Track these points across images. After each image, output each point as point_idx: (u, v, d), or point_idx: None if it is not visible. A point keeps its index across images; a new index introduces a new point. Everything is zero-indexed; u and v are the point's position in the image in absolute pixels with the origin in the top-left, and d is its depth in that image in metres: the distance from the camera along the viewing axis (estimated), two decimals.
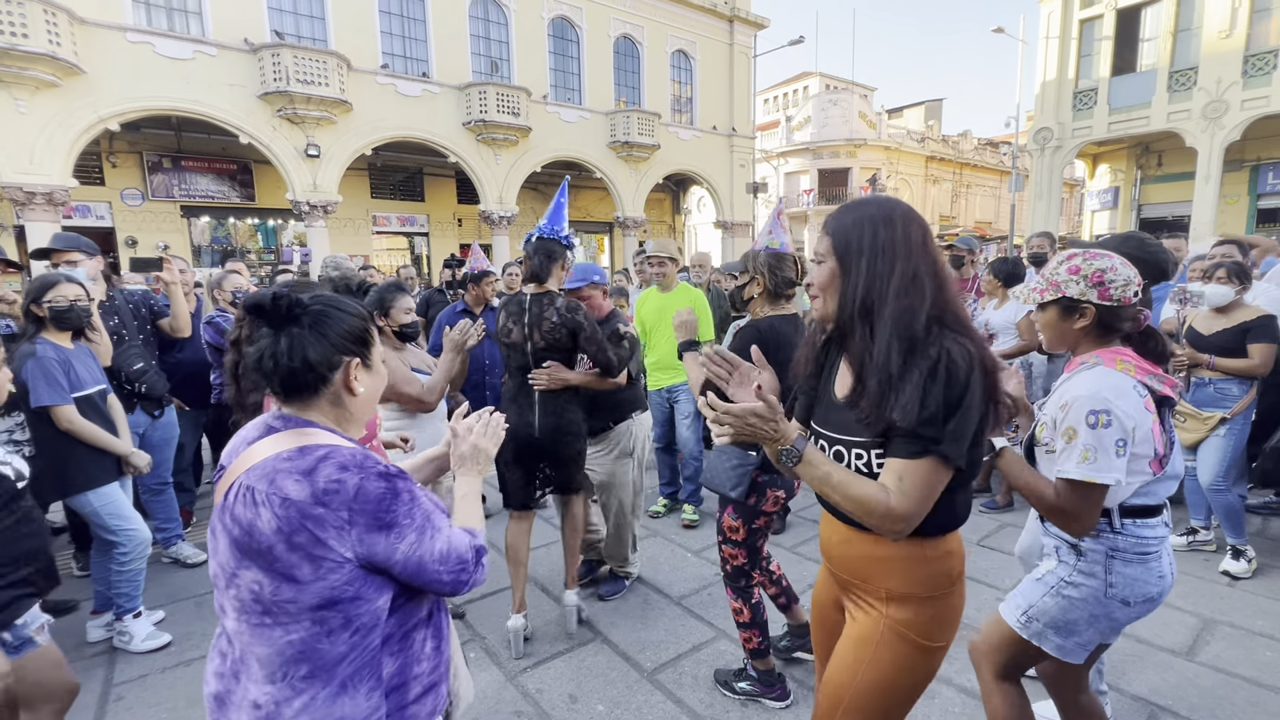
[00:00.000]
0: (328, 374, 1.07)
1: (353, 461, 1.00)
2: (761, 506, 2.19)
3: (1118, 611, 1.53)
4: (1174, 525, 3.69)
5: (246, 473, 1.00)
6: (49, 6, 9.95)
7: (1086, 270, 1.49)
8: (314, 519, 0.95)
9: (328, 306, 1.08)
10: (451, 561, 1.06)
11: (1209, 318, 3.24)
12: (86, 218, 13.24)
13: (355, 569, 0.99)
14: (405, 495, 1.03)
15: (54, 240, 3.20)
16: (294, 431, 1.04)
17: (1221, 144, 13.87)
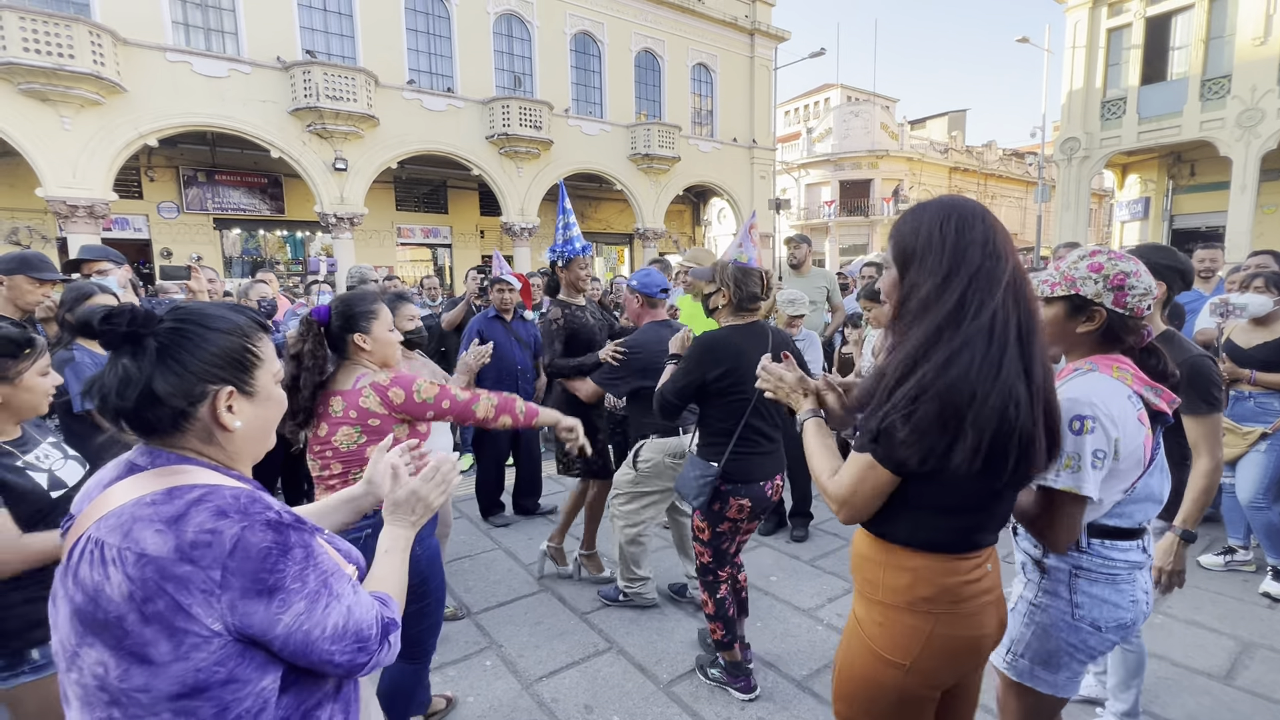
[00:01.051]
0: (187, 408, 0.85)
1: (234, 506, 0.80)
2: (725, 513, 2.35)
3: (1092, 639, 1.43)
4: (1211, 544, 3.57)
5: (97, 523, 0.80)
6: (94, 28, 10.39)
7: (1109, 270, 1.34)
8: (176, 580, 0.75)
9: (186, 323, 0.87)
10: (348, 639, 0.85)
11: (1248, 330, 3.15)
12: (125, 230, 13.71)
13: (228, 643, 0.79)
14: (298, 551, 0.82)
15: (83, 251, 3.33)
16: (163, 470, 0.84)
17: (1258, 153, 13.50)
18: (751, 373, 1.94)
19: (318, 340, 1.83)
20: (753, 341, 2.27)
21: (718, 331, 2.34)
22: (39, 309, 2.76)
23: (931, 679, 1.23)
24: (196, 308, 0.90)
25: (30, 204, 12.05)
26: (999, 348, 1.09)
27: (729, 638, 2.43)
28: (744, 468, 2.29)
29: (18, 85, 10.12)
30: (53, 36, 9.96)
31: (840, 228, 29.36)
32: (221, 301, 1.00)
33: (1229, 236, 13.73)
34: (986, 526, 1.24)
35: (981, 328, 1.09)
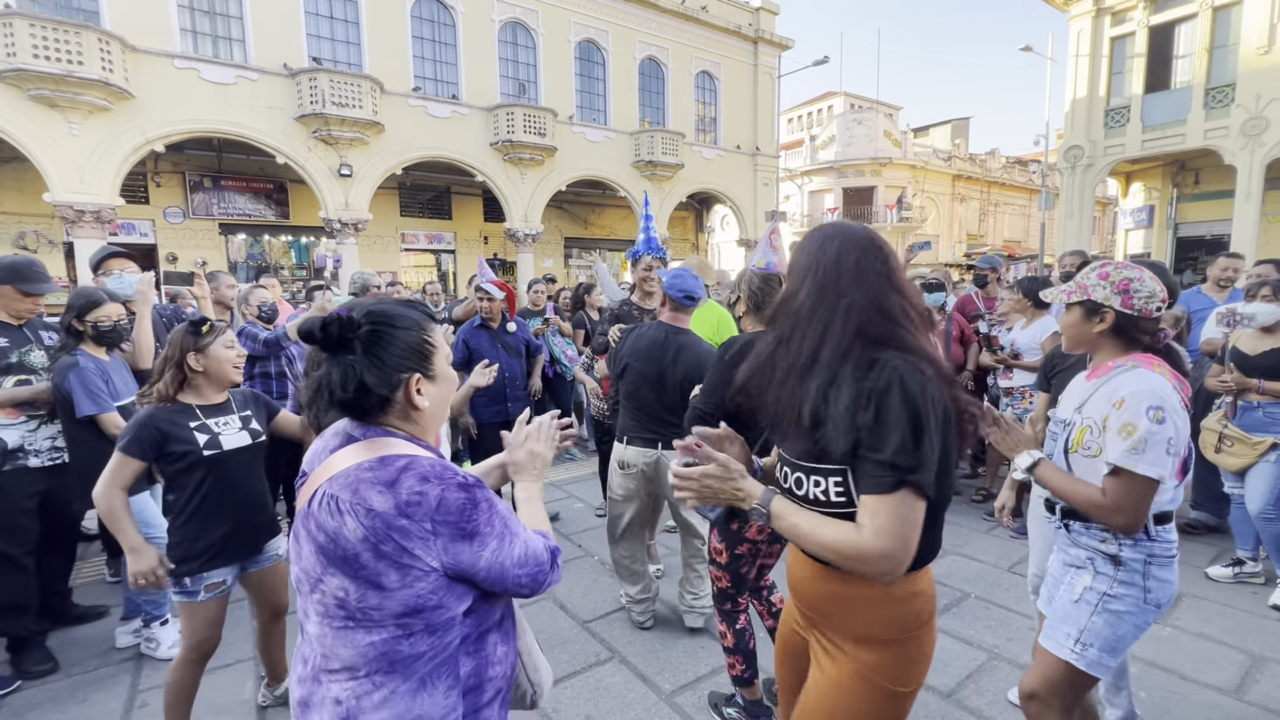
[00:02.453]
0: (389, 394, 1.06)
1: (433, 473, 1.01)
2: (744, 533, 2.17)
3: (1152, 616, 1.57)
4: (1220, 556, 3.53)
5: (329, 481, 1.01)
6: (103, 35, 10.49)
7: (1115, 277, 1.57)
8: (399, 530, 0.96)
9: (379, 325, 1.06)
10: (530, 565, 1.08)
11: (1254, 338, 3.12)
12: (131, 235, 13.77)
13: (440, 578, 1.00)
14: (484, 504, 1.04)
15: (100, 251, 3.36)
16: (373, 441, 1.05)
17: (1262, 161, 13.47)
18: None
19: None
20: None
21: (739, 335, 2.29)
22: (30, 315, 2.76)
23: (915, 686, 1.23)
24: (383, 310, 1.08)
25: (38, 209, 12.13)
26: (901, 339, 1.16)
27: (749, 673, 2.23)
28: (767, 482, 2.14)
29: (27, 91, 10.20)
30: (62, 43, 10.05)
31: None
32: (400, 299, 1.11)
33: (1234, 245, 13.67)
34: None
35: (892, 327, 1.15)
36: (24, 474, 2.66)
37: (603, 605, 3.18)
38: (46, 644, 2.75)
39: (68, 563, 3.14)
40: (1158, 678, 2.53)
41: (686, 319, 2.78)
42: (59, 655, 2.74)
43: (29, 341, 2.73)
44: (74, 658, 2.76)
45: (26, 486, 2.66)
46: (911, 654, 1.18)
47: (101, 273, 3.27)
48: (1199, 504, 3.95)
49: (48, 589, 2.90)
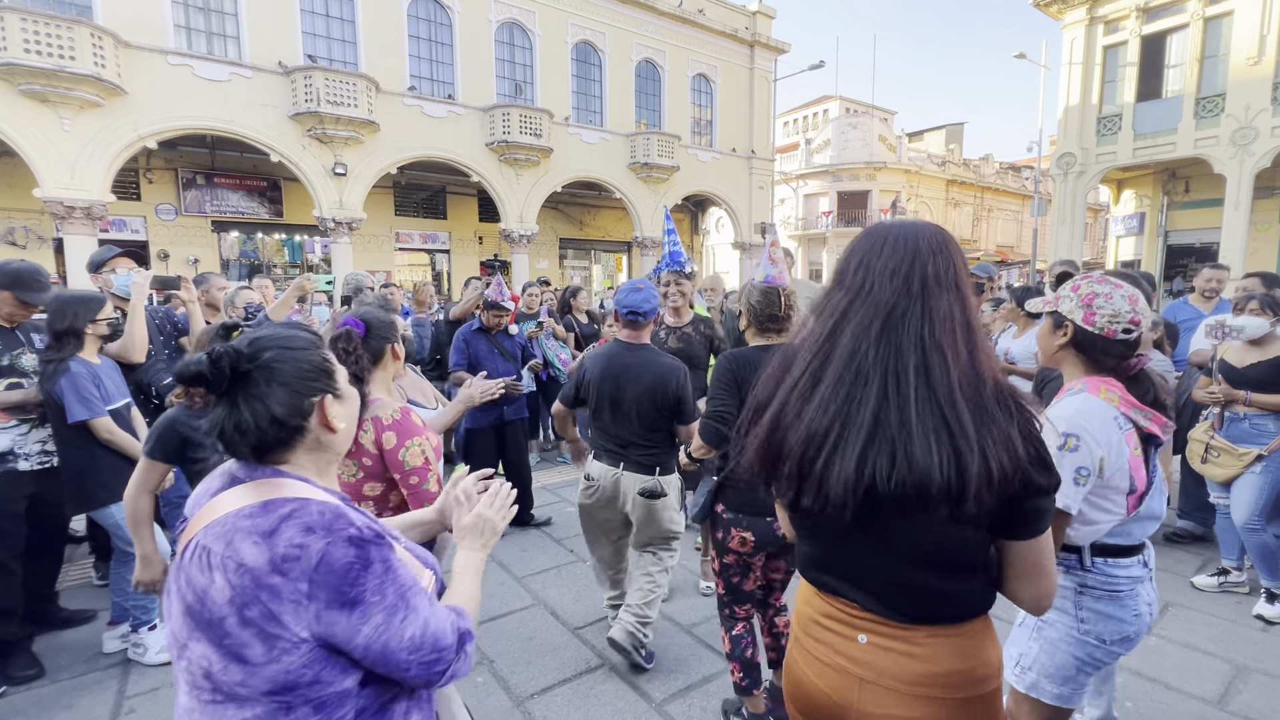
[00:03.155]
0: (302, 423, 0.95)
1: (320, 522, 0.86)
2: (727, 543, 2.18)
3: (1098, 652, 1.52)
4: (1205, 565, 3.57)
5: (204, 530, 0.88)
6: (96, 31, 10.40)
7: (1083, 291, 1.51)
8: (269, 590, 0.83)
9: (276, 349, 0.95)
10: (425, 650, 0.91)
11: (1242, 350, 3.16)
12: (122, 231, 13.66)
13: (314, 650, 0.85)
14: (377, 566, 0.88)
15: (105, 251, 3.35)
16: (260, 483, 0.92)
17: (1251, 171, 13.62)
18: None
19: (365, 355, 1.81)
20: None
21: (738, 350, 2.22)
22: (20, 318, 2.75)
23: (787, 697, 1.21)
24: (273, 334, 0.97)
25: (27, 204, 12.01)
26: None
27: (747, 682, 2.22)
28: (747, 498, 2.10)
29: (18, 86, 10.11)
30: (54, 38, 9.96)
31: (838, 238, 29.47)
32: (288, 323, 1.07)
33: (1223, 253, 13.83)
34: (831, 570, 1.10)
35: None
36: (13, 477, 2.64)
37: (594, 612, 3.18)
38: (32, 649, 2.72)
39: (55, 566, 3.12)
40: (1143, 687, 2.55)
41: (643, 334, 2.69)
42: (45, 660, 2.71)
43: (20, 344, 2.71)
44: (60, 663, 2.74)
45: (15, 490, 2.64)
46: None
47: (107, 270, 3.25)
48: (1185, 513, 4.00)
49: (34, 593, 2.87)
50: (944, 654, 1.01)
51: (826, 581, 1.11)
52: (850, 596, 1.07)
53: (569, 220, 20.47)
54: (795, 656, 1.17)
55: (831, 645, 1.09)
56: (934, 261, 1.00)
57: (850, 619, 1.08)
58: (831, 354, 1.02)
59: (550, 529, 4.31)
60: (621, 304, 2.63)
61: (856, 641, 1.06)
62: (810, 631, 1.13)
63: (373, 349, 1.85)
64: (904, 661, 1.02)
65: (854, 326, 1.01)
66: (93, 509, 2.68)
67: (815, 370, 1.03)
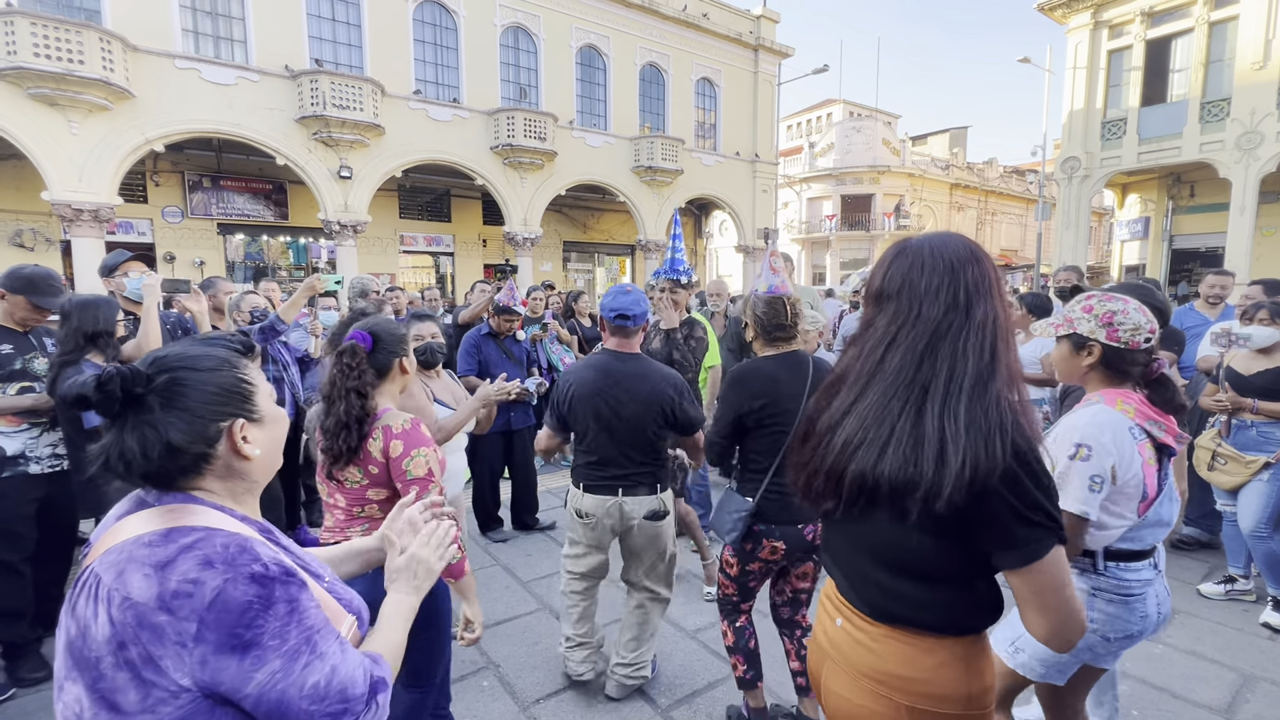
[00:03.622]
0: (207, 450, 0.87)
1: (222, 556, 0.78)
2: (757, 553, 2.20)
3: (1099, 646, 1.60)
4: (1211, 572, 3.56)
5: (101, 557, 0.80)
6: (105, 35, 10.48)
7: (1098, 310, 1.57)
8: (152, 629, 0.74)
9: (177, 370, 0.87)
10: (331, 700, 0.81)
11: (1249, 358, 3.15)
12: (129, 234, 13.74)
13: (195, 701, 0.76)
14: (280, 607, 0.79)
15: (118, 255, 3.39)
16: (169, 509, 0.84)
17: (1257, 175, 13.58)
18: (789, 405, 2.11)
19: (369, 368, 1.81)
20: (791, 372, 2.14)
21: (751, 361, 2.24)
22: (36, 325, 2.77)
23: None
24: (177, 353, 0.89)
25: (35, 206, 12.10)
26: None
27: (751, 674, 2.27)
28: (780, 507, 2.11)
29: (27, 90, 10.19)
30: (63, 42, 10.04)
31: (841, 242, 29.47)
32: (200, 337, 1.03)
33: (1228, 258, 13.78)
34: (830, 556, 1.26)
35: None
36: (23, 481, 2.66)
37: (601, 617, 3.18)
38: (41, 651, 2.74)
39: (64, 569, 3.13)
40: (1149, 696, 2.55)
41: (634, 342, 2.44)
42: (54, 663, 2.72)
43: (33, 348, 2.73)
44: None
45: (26, 493, 2.66)
46: None
47: (119, 274, 3.28)
48: (1192, 520, 3.98)
49: (43, 595, 2.89)
50: (894, 656, 1.07)
51: (828, 565, 1.25)
52: (837, 583, 1.22)
53: (573, 223, 20.51)
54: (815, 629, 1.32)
55: (821, 621, 1.27)
56: (971, 273, 1.04)
57: (835, 601, 1.22)
58: (876, 375, 1.07)
59: (555, 533, 4.32)
60: (608, 308, 2.38)
61: (834, 623, 1.21)
62: (823, 605, 1.29)
63: (378, 363, 1.84)
64: (860, 651, 1.12)
65: (903, 349, 1.04)
66: (106, 513, 2.70)
67: (860, 391, 1.09)
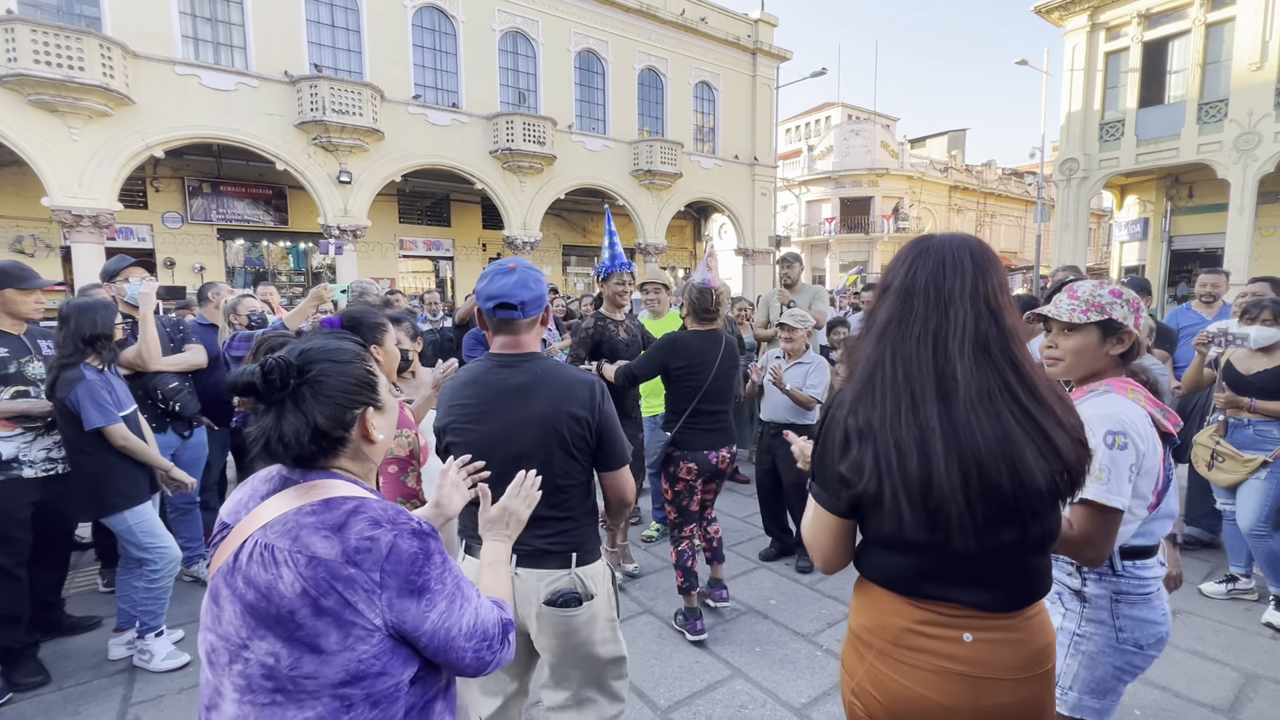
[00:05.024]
0: (344, 434, 0.98)
1: (385, 516, 0.92)
2: (677, 474, 2.99)
3: (1136, 658, 1.51)
4: (1213, 572, 3.55)
5: (262, 529, 0.91)
6: (105, 41, 10.52)
7: (1128, 296, 1.46)
8: (344, 580, 0.87)
9: (324, 361, 0.97)
10: (477, 638, 0.96)
11: (1248, 357, 3.15)
12: (129, 239, 13.76)
13: (383, 640, 0.90)
14: (437, 558, 0.94)
15: (119, 260, 3.40)
16: (313, 484, 0.95)
17: (1255, 176, 13.60)
18: (703, 368, 2.95)
19: None
20: (708, 344, 3.00)
21: (681, 332, 3.07)
22: (35, 314, 2.77)
23: (872, 713, 1.16)
24: (323, 346, 0.99)
25: (35, 213, 12.12)
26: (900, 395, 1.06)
27: (687, 584, 3.00)
28: (691, 439, 2.98)
29: (27, 96, 10.22)
30: (63, 49, 10.07)
31: (840, 244, 29.49)
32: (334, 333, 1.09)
33: (1227, 258, 13.78)
34: (937, 579, 1.10)
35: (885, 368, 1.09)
36: (18, 485, 2.65)
37: None
38: (38, 655, 2.73)
39: (60, 573, 3.13)
40: (1151, 695, 2.53)
41: (528, 338, 1.66)
42: (50, 667, 2.72)
43: (28, 351, 2.73)
44: (66, 670, 2.74)
45: (20, 497, 2.65)
46: (849, 645, 1.23)
47: (120, 279, 3.29)
48: (1193, 520, 3.97)
49: (40, 600, 2.88)
50: (1037, 633, 1.12)
51: (928, 590, 1.11)
52: (955, 599, 1.09)
53: (572, 227, 20.54)
54: (885, 672, 1.13)
55: (934, 651, 1.09)
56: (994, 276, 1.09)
57: (951, 619, 1.09)
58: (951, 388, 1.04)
59: None
60: (483, 294, 1.61)
61: (962, 641, 1.08)
62: (904, 642, 1.12)
63: None
64: (1011, 650, 1.09)
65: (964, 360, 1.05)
66: (107, 515, 2.69)
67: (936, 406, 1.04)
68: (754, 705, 2.49)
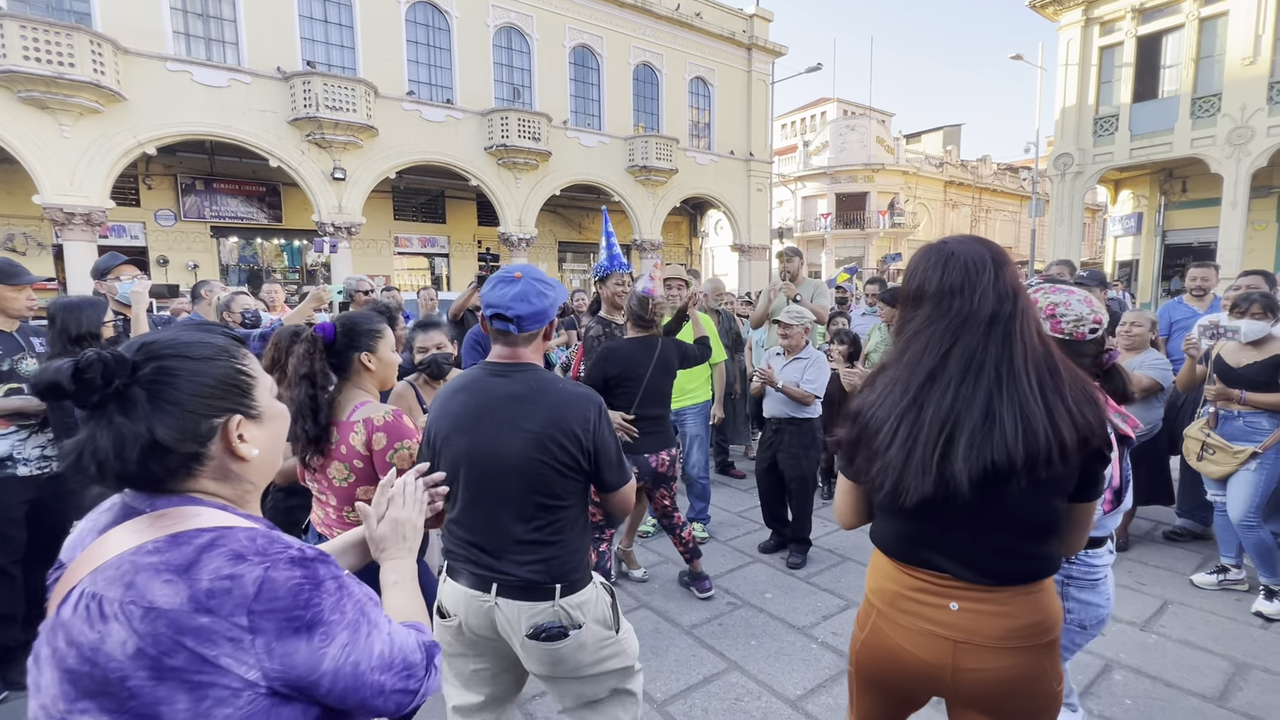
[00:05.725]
0: (199, 449, 0.78)
1: (252, 548, 0.73)
2: None
3: (1078, 637, 1.66)
4: (1204, 563, 3.58)
5: (91, 575, 0.72)
6: (95, 38, 10.44)
7: (1042, 303, 1.55)
8: (195, 632, 0.69)
9: (171, 358, 0.77)
10: (396, 667, 0.80)
11: (1238, 350, 3.17)
12: (121, 237, 13.69)
13: (256, 698, 0.71)
14: (330, 584, 0.76)
15: (110, 258, 3.38)
16: (165, 513, 0.76)
17: (1248, 170, 13.67)
18: (639, 375, 3.06)
19: (323, 358, 1.77)
20: (643, 352, 3.12)
21: (617, 342, 3.20)
22: (26, 311, 2.76)
23: (868, 663, 1.34)
24: (169, 339, 0.80)
25: (27, 210, 12.05)
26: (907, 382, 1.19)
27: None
28: (630, 444, 3.03)
29: (17, 93, 10.15)
30: (53, 45, 10.00)
31: (836, 240, 29.52)
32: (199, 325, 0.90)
33: (1221, 252, 13.87)
34: (931, 547, 1.23)
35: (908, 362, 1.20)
36: (12, 483, 2.64)
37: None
38: None
39: None
40: (1143, 685, 2.56)
41: (527, 351, 1.59)
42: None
43: (21, 349, 2.71)
44: None
45: (14, 496, 2.64)
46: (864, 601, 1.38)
47: (111, 277, 3.27)
48: (1184, 512, 4.00)
49: (35, 598, 2.87)
50: (1027, 609, 1.20)
51: (922, 556, 1.24)
52: (943, 568, 1.22)
53: (568, 224, 20.51)
54: (883, 630, 1.28)
55: (922, 615, 1.23)
56: (1008, 273, 1.20)
57: (940, 589, 1.22)
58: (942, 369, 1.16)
59: None
60: (484, 300, 1.57)
61: (948, 609, 1.21)
62: (898, 605, 1.27)
63: (336, 355, 1.79)
64: (995, 620, 1.19)
65: (961, 344, 1.16)
66: None
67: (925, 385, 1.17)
68: (750, 697, 2.51)
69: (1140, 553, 3.79)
